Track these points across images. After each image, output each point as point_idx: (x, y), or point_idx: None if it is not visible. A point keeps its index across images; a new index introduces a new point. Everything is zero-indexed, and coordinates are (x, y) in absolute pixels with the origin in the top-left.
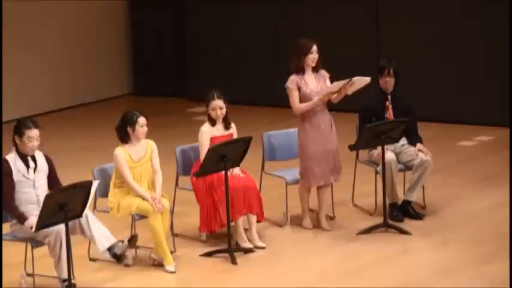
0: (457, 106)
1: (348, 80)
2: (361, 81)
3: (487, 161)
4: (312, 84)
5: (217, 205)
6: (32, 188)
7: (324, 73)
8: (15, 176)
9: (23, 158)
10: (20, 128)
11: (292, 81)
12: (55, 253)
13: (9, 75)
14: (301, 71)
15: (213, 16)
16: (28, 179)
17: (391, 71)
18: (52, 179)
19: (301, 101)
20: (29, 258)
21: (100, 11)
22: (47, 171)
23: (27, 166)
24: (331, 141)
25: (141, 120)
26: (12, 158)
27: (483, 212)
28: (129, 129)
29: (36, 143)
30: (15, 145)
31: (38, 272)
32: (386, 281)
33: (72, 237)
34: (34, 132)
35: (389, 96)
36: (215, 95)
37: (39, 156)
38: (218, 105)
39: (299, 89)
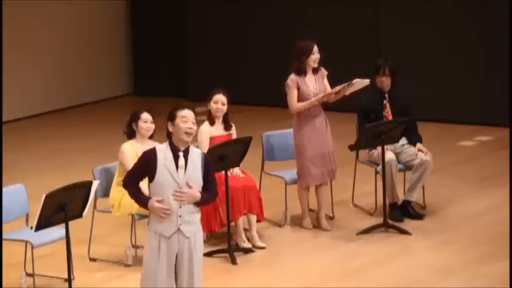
0: (457, 106)
1: (348, 82)
2: (360, 83)
3: (487, 161)
4: (311, 85)
5: (217, 205)
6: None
7: (322, 71)
8: (160, 170)
9: (174, 151)
10: (172, 111)
11: (293, 80)
12: None
13: (9, 75)
14: (302, 72)
15: (214, 16)
16: (174, 180)
17: (387, 71)
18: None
19: (299, 100)
20: (29, 258)
21: (100, 11)
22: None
23: (177, 164)
24: (327, 141)
25: (144, 115)
26: (162, 149)
27: (483, 212)
28: (133, 125)
29: (189, 131)
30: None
31: (38, 272)
32: (387, 281)
33: (72, 237)
34: (186, 113)
35: (386, 95)
36: (220, 91)
37: (195, 156)
38: (221, 100)
39: (298, 88)
